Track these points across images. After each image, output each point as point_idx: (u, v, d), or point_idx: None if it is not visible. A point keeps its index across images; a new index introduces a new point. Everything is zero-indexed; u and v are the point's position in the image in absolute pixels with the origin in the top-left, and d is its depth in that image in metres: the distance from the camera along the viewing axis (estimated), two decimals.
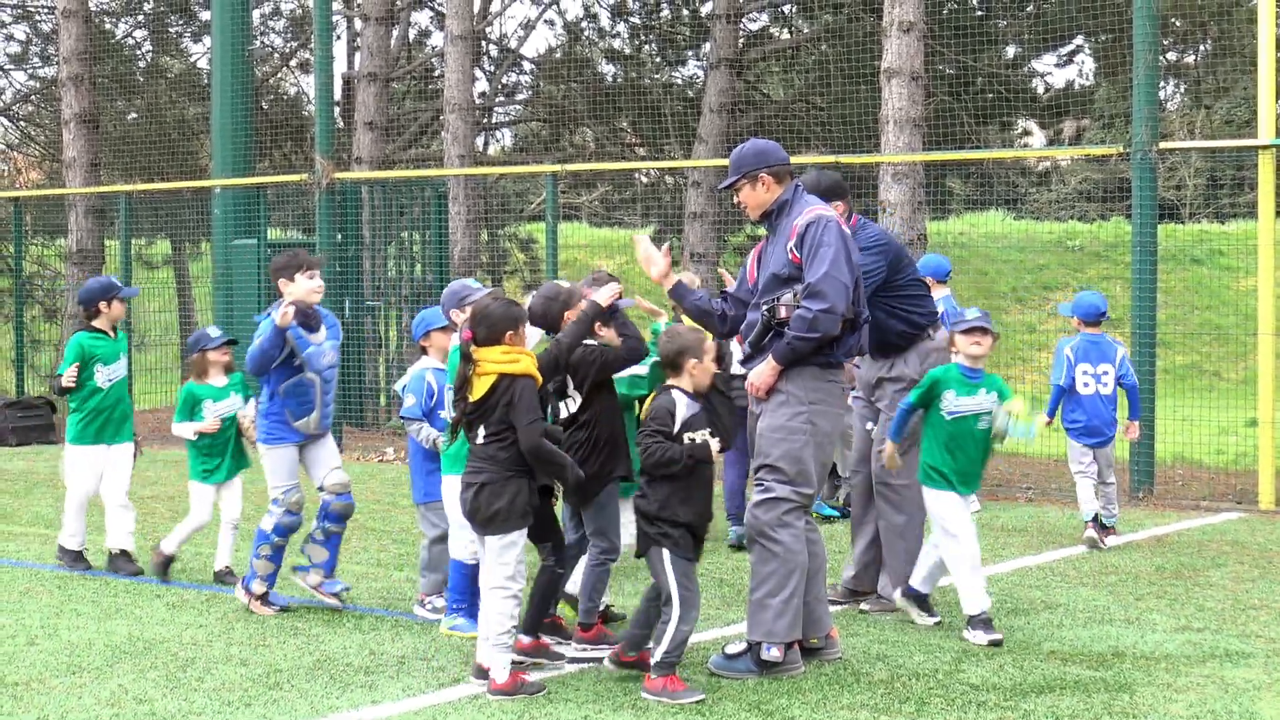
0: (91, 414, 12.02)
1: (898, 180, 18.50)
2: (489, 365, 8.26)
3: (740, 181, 8.99)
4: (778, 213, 8.93)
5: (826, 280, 8.53)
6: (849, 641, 9.39)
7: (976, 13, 26.80)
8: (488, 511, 8.25)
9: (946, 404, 9.55)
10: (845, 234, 8.74)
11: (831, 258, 8.56)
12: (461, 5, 23.60)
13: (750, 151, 9.03)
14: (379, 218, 22.56)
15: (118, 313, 12.18)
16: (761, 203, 8.96)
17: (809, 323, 8.52)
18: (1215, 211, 36.55)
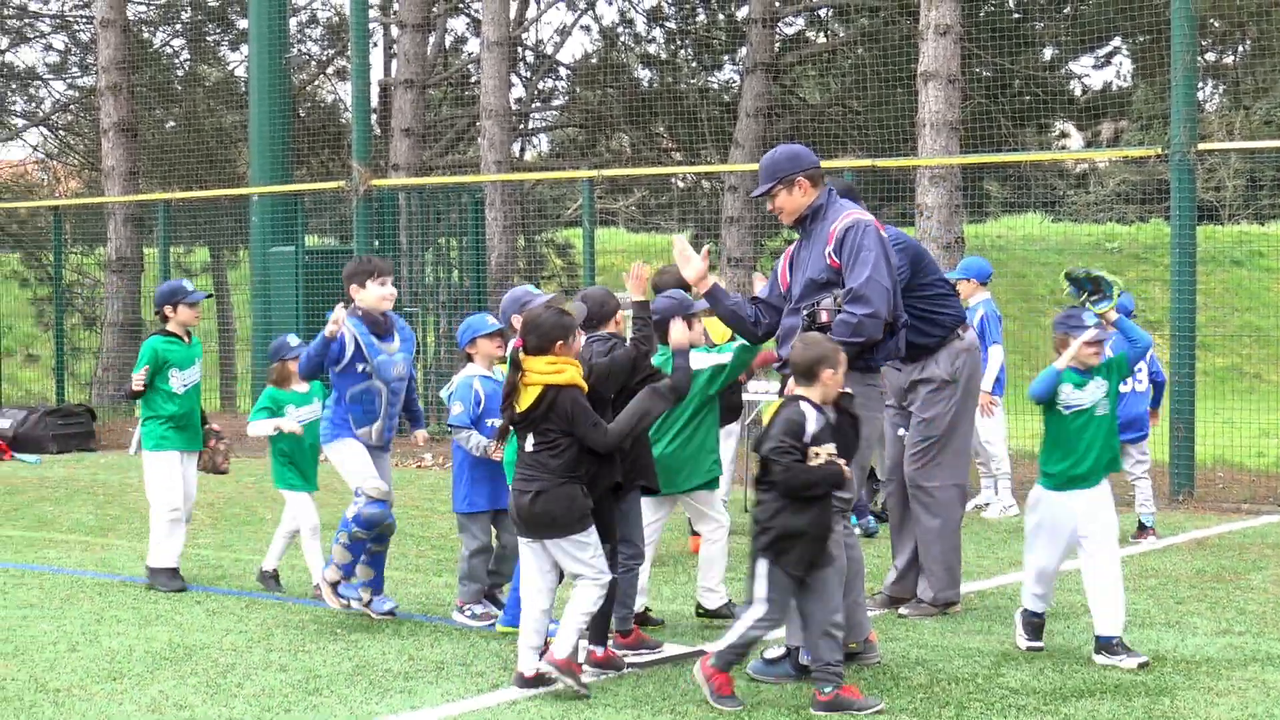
0: (168, 421, 11.60)
1: (935, 183, 18.47)
2: (535, 376, 8.34)
3: (776, 187, 8.97)
4: (812, 217, 8.91)
5: (870, 285, 8.52)
6: (888, 646, 9.36)
7: (1013, 15, 26.75)
8: (545, 518, 8.33)
9: (1064, 397, 8.99)
10: (883, 238, 8.74)
11: (874, 262, 8.55)
12: (498, 11, 23.64)
13: (784, 156, 9.02)
14: (416, 224, 22.60)
15: (186, 317, 11.78)
16: (798, 207, 8.95)
17: (854, 327, 8.50)
18: (1255, 213, 36.39)
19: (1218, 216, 36.46)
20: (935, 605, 10.30)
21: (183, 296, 11.78)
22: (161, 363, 11.61)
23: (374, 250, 20.98)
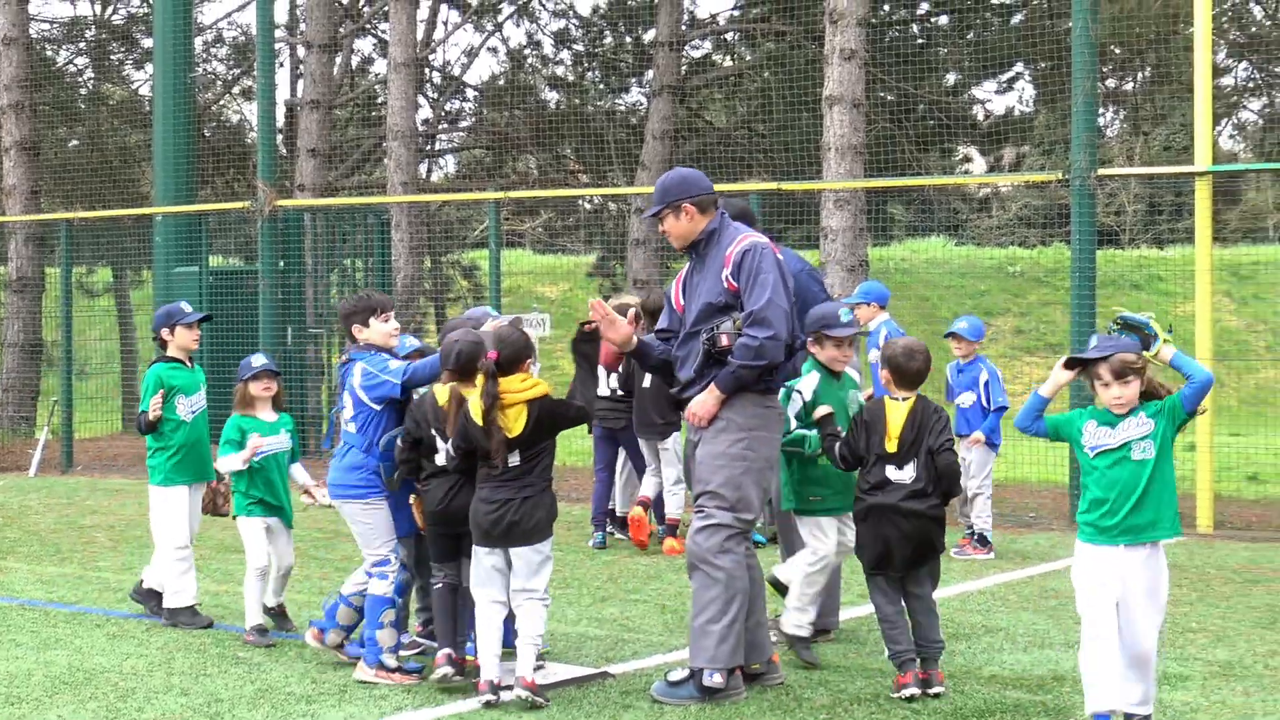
0: (179, 451, 10.93)
1: (839, 207, 18.59)
2: (514, 395, 8.61)
3: (664, 211, 8.95)
4: (705, 242, 8.90)
5: (770, 307, 8.55)
6: (791, 667, 9.41)
7: (917, 40, 26.99)
8: (529, 523, 8.60)
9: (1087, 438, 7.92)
10: (780, 261, 8.76)
11: (772, 284, 8.59)
12: (405, 32, 23.62)
13: (674, 181, 8.99)
14: (321, 245, 22.53)
15: (185, 340, 11.09)
16: (685, 233, 8.92)
17: (755, 350, 8.53)
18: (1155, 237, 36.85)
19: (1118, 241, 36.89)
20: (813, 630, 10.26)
21: (180, 319, 11.14)
22: (168, 390, 10.97)
23: (279, 272, 20.88)
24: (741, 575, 8.64)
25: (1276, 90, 29.10)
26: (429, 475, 9.08)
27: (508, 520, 8.60)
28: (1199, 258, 15.89)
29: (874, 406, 9.10)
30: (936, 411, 8.94)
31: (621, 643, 10.09)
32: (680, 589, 12.00)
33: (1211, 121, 16.24)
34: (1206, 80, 15.78)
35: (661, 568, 13.27)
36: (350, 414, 9.43)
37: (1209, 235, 15.86)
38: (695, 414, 8.72)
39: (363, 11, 31.23)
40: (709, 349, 8.66)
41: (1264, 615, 11.20)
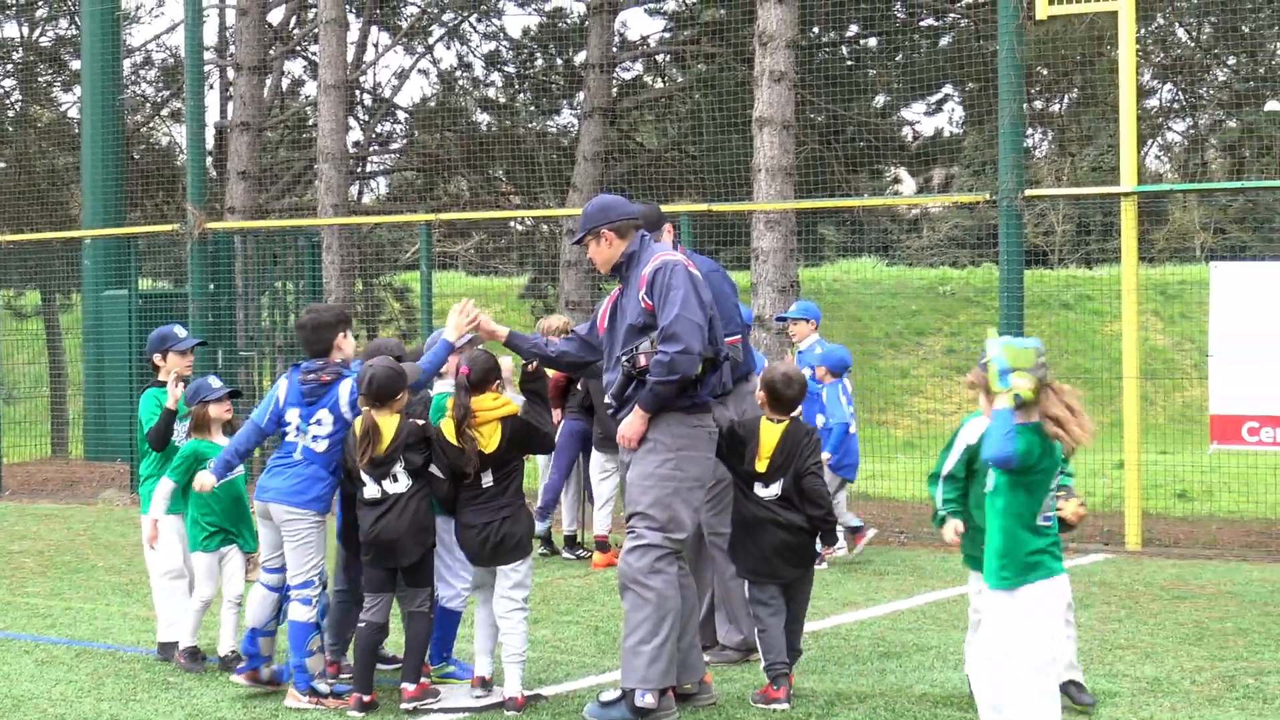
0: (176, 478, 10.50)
1: (770, 228, 18.66)
2: (487, 413, 8.96)
3: (586, 238, 9.08)
4: (627, 264, 8.99)
5: (679, 322, 8.60)
6: (722, 687, 9.43)
7: (846, 62, 27.13)
8: (512, 541, 9.00)
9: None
10: (693, 275, 8.81)
11: (681, 299, 8.64)
12: (335, 54, 23.57)
13: (595, 208, 9.11)
14: (252, 267, 22.44)
15: (177, 365, 10.77)
16: (608, 258, 9.05)
17: (668, 366, 8.58)
18: (1084, 257, 37.14)
19: (1047, 260, 37.17)
20: (740, 651, 10.29)
21: (173, 344, 10.87)
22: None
23: (210, 294, 20.79)
24: (673, 595, 8.66)
25: (1201, 112, 29.41)
26: (359, 504, 9.14)
27: (492, 542, 8.97)
28: (1126, 277, 16.03)
29: (750, 423, 9.50)
30: (808, 434, 9.48)
31: (554, 664, 10.10)
32: (613, 610, 12.02)
33: (1137, 143, 16.40)
34: (1131, 102, 15.94)
35: (594, 589, 13.28)
36: (326, 431, 9.33)
37: (1135, 255, 16.00)
38: (624, 435, 8.79)
39: (293, 34, 31.14)
40: (629, 370, 8.74)
41: (1191, 631, 11.31)
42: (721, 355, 8.94)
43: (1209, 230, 33.58)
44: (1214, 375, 14.81)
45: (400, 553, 8.98)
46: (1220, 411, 14.58)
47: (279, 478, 9.37)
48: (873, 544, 15.60)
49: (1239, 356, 14.61)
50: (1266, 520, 17.77)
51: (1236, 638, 11.01)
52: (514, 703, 8.91)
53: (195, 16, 21.14)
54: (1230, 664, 10.13)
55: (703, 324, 8.67)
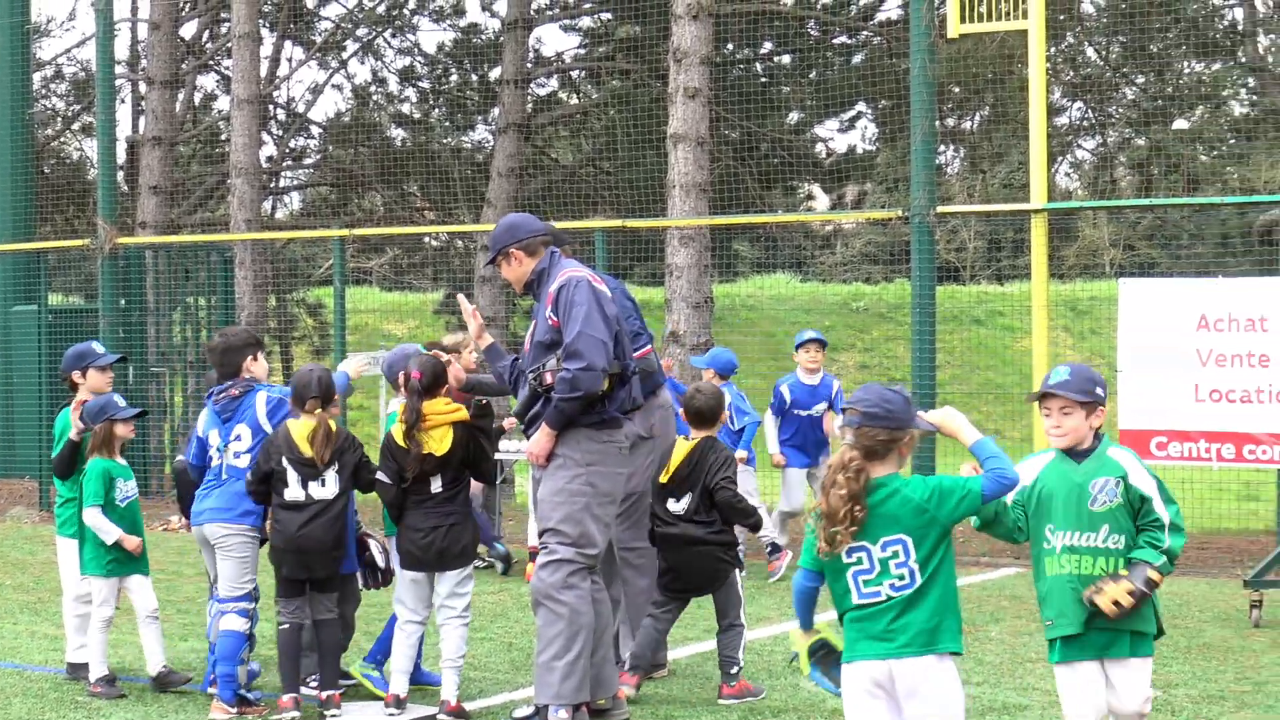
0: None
1: (685, 244, 18.71)
2: (438, 418, 9.08)
3: (497, 259, 9.11)
4: (537, 283, 9.02)
5: (581, 339, 8.62)
6: (635, 703, 9.44)
7: (760, 79, 27.26)
8: (457, 548, 9.12)
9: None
10: (598, 290, 8.81)
11: (584, 316, 8.65)
12: (248, 69, 23.46)
13: (502, 228, 9.16)
14: (164, 283, 22.28)
15: (96, 382, 10.47)
16: (519, 277, 9.08)
17: (570, 383, 8.59)
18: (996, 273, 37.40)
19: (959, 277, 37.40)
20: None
21: (92, 360, 10.57)
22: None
23: (121, 310, 20.63)
24: (586, 611, 8.67)
25: (1110, 130, 29.72)
26: (280, 508, 9.19)
27: (437, 547, 9.08)
28: (1036, 293, 16.16)
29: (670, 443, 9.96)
30: (716, 451, 9.78)
31: (468, 681, 10.07)
32: (526, 626, 12.01)
33: (1047, 160, 16.55)
34: (1042, 120, 16.08)
35: (508, 605, 13.27)
36: (246, 445, 9.41)
37: (1045, 272, 16.14)
38: (531, 452, 8.81)
39: (205, 48, 30.98)
40: (535, 387, 8.76)
41: None
42: (629, 370, 8.96)
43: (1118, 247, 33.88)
44: (1123, 390, 14.93)
45: (319, 563, 9.11)
46: (1129, 426, 14.69)
47: (209, 499, 9.45)
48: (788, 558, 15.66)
49: (1147, 372, 14.74)
50: None
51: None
52: (447, 707, 9.05)
53: (106, 30, 20.99)
54: None
55: (607, 340, 8.68)
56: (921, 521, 6.09)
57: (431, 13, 30.25)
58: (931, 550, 6.09)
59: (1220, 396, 14.38)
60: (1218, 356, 14.30)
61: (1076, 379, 6.78)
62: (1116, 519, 6.65)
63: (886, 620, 6.06)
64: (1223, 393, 14.39)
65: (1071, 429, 6.75)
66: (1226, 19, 26.84)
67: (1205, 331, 14.46)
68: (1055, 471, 6.79)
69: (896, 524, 6.09)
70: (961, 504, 6.15)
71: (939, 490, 6.14)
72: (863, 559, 6.10)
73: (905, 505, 6.10)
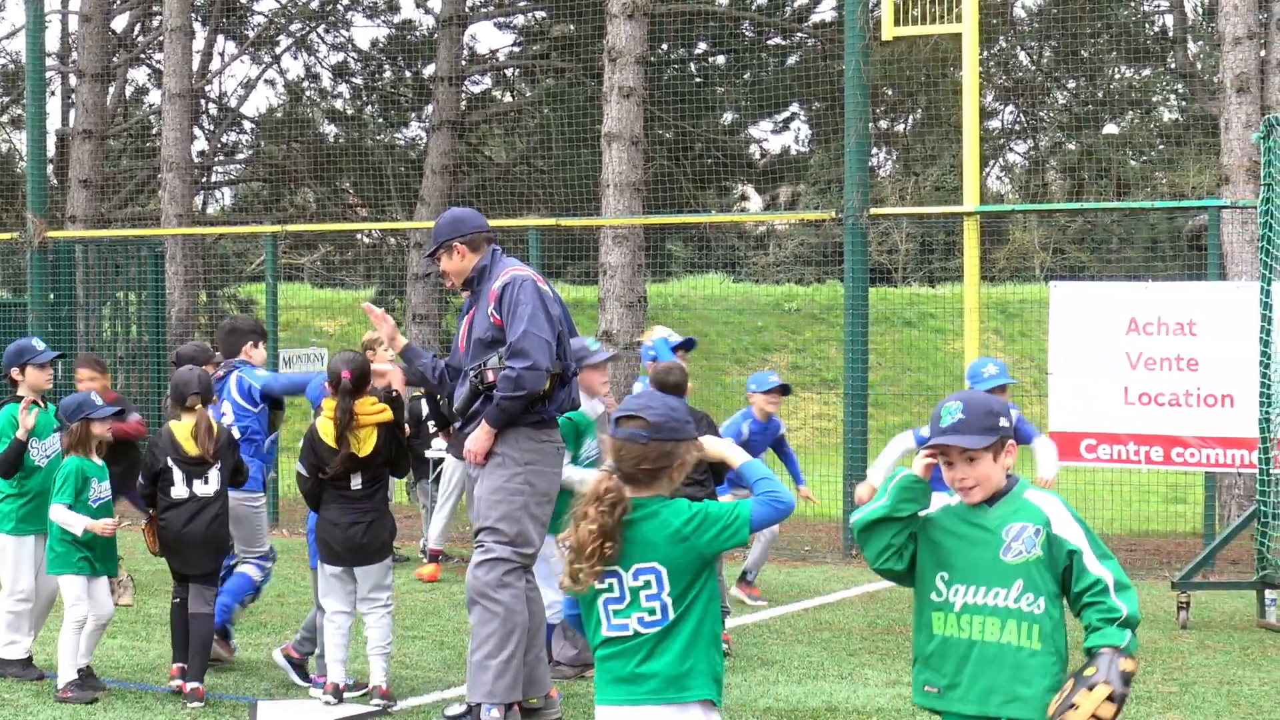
0: (34, 498, 10.20)
1: (618, 243, 18.72)
2: (367, 419, 9.29)
3: (438, 251, 9.10)
4: (478, 279, 9.01)
5: (526, 338, 8.62)
6: (568, 702, 9.44)
7: (695, 79, 27.29)
8: (376, 544, 9.35)
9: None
10: (542, 290, 8.83)
11: (529, 315, 8.65)
12: (180, 62, 23.31)
13: (445, 222, 9.17)
14: (94, 277, 22.11)
15: (36, 379, 10.37)
16: (459, 271, 9.07)
17: (514, 382, 8.59)
18: (927, 275, 37.58)
19: (891, 279, 37.56)
20: (574, 666, 10.34)
21: (31, 357, 10.43)
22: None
23: (50, 304, 20.47)
24: (521, 610, 8.66)
25: (1041, 134, 29.92)
26: (167, 507, 9.62)
27: (357, 541, 9.31)
28: (967, 295, 16.26)
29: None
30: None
31: (399, 679, 10.05)
32: (459, 625, 11.99)
33: (979, 163, 16.66)
34: (974, 123, 16.18)
35: (440, 604, 13.24)
36: (230, 420, 10.35)
37: (977, 274, 16.24)
38: (470, 450, 8.78)
39: (137, 41, 30.76)
40: (477, 385, 8.75)
41: None
42: (570, 371, 8.97)
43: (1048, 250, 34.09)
44: (1053, 393, 15.05)
45: (200, 558, 9.64)
46: (1059, 428, 14.80)
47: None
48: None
49: (1077, 374, 14.86)
50: (1103, 536, 18.05)
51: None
52: (380, 691, 9.34)
53: (37, 22, 20.82)
54: None
55: (550, 340, 8.69)
56: (679, 551, 5.31)
57: (365, 8, 30.13)
58: (689, 584, 5.32)
59: (1149, 399, 14.51)
60: (1147, 360, 14.43)
61: (974, 415, 5.49)
62: (1033, 576, 5.43)
63: (634, 661, 5.33)
64: (1151, 396, 14.53)
65: (982, 478, 5.49)
66: (1157, 25, 27.05)
67: (1135, 335, 14.60)
68: (958, 511, 5.58)
69: (652, 550, 5.32)
70: (725, 533, 5.34)
71: (703, 516, 5.34)
72: (614, 585, 5.35)
73: (662, 530, 5.32)
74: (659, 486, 5.38)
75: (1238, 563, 15.31)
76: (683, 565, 5.30)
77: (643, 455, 5.33)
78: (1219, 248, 16.18)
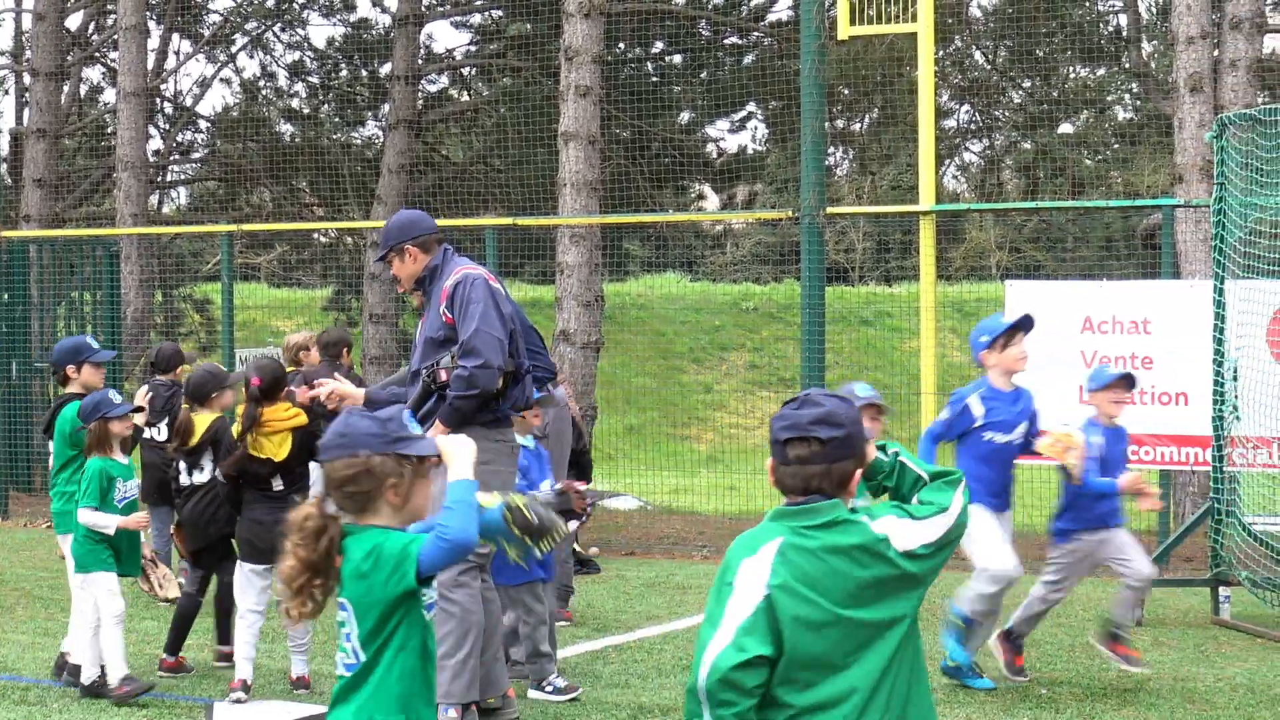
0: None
1: (575, 242, 18.72)
2: (279, 424, 9.60)
3: (390, 254, 9.09)
4: (430, 279, 9.00)
5: (478, 336, 8.61)
6: (526, 703, 9.44)
7: (652, 79, 27.31)
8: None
9: None
10: (493, 289, 8.81)
11: (480, 314, 8.64)
12: (135, 61, 23.22)
13: (395, 225, 9.16)
14: (48, 277, 22.00)
15: (91, 378, 10.32)
16: (411, 273, 9.07)
17: (467, 381, 8.58)
18: (884, 274, 37.68)
19: (848, 277, 37.65)
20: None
21: (88, 355, 10.36)
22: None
23: (4, 304, 20.37)
24: (476, 609, 8.66)
25: (996, 133, 30.03)
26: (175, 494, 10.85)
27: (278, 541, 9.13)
28: (924, 294, 16.30)
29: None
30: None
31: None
32: None
33: (935, 162, 16.70)
34: (930, 122, 16.23)
35: None
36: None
37: (933, 273, 16.29)
38: None
39: (92, 40, 30.61)
40: (429, 384, 8.73)
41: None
42: (523, 368, 8.96)
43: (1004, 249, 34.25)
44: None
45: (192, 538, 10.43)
46: None
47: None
48: (675, 558, 15.71)
49: (1033, 373, 14.92)
50: None
51: (1031, 648, 11.25)
52: (304, 680, 9.94)
53: None
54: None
55: (503, 338, 8.68)
56: (361, 589, 4.73)
57: (321, 7, 30.06)
58: (375, 628, 4.72)
59: None
60: (1102, 358, 14.49)
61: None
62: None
63: (330, 709, 4.84)
64: None
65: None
66: (1111, 25, 27.19)
67: (1090, 333, 14.67)
68: None
69: (344, 586, 4.81)
70: (393, 577, 4.71)
71: (377, 555, 4.74)
72: (344, 617, 4.83)
73: (347, 564, 4.79)
74: (374, 514, 4.84)
75: (1192, 560, 15.40)
76: (367, 604, 4.70)
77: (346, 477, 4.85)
78: (1173, 246, 16.27)
